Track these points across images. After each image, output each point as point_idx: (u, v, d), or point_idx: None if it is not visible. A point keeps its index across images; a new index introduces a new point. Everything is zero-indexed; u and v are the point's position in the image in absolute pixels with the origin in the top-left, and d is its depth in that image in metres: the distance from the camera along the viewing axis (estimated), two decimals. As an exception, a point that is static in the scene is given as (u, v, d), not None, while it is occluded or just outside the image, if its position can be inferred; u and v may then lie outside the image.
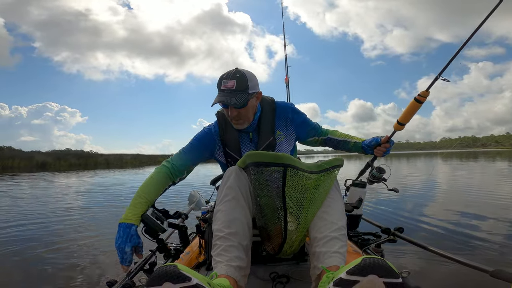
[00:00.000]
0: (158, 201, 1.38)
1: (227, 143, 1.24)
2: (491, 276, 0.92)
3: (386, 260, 0.62)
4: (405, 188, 6.26)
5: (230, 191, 0.93)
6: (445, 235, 2.79)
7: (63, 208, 5.47)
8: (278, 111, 1.27)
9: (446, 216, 3.57)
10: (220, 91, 1.11)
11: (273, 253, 1.04)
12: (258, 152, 0.90)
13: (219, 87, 1.12)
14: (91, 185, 10.41)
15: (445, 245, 2.48)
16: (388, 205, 4.39)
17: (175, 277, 0.60)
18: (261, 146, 1.22)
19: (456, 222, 3.23)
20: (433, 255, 1.16)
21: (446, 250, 1.11)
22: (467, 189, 6.26)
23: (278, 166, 0.88)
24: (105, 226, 3.97)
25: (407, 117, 1.28)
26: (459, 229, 2.94)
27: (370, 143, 1.30)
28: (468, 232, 2.80)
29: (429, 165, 17.31)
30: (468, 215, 3.53)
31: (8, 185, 10.72)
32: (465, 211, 3.75)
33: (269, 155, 0.89)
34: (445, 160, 22.80)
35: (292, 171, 0.89)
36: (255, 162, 0.90)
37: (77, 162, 29.01)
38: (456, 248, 2.43)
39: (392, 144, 1.29)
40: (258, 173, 0.90)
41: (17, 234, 3.63)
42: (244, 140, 1.25)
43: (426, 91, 1.24)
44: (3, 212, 5.32)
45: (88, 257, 2.73)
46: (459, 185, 7.02)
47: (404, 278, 1.00)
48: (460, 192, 5.98)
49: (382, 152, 1.29)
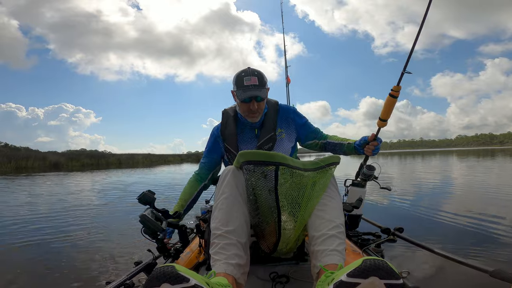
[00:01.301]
0: (158, 201, 1.38)
1: (225, 138, 1.34)
2: (491, 276, 0.92)
3: (387, 261, 0.61)
4: (406, 187, 6.25)
5: (228, 189, 0.93)
6: (446, 235, 2.79)
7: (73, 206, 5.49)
8: (281, 111, 1.39)
9: (447, 215, 3.57)
10: (245, 87, 1.22)
11: (268, 252, 1.04)
12: (251, 151, 0.91)
13: (241, 84, 1.23)
14: (114, 184, 10.34)
15: (445, 245, 2.48)
16: (388, 205, 4.39)
17: (173, 278, 0.59)
18: (262, 140, 1.30)
19: (457, 222, 3.23)
20: (433, 255, 1.16)
21: (446, 250, 1.11)
22: (473, 188, 6.12)
23: (270, 165, 0.88)
24: (113, 224, 3.99)
25: (387, 112, 1.32)
26: (459, 229, 2.95)
27: (360, 143, 1.33)
28: (468, 232, 2.81)
29: (443, 163, 16.25)
30: (469, 214, 3.54)
31: (28, 184, 10.75)
32: (467, 210, 3.75)
33: (261, 154, 0.88)
34: (461, 158, 22.34)
35: (285, 169, 0.89)
36: (248, 161, 0.89)
37: (90, 162, 29.40)
38: (456, 248, 2.43)
39: (380, 141, 1.31)
40: (251, 171, 0.90)
41: (22, 230, 3.63)
42: (250, 135, 1.35)
43: (397, 85, 1.29)
44: (19, 209, 5.33)
45: (89, 257, 2.72)
46: (465, 184, 6.87)
47: (404, 278, 1.00)
48: (465, 191, 5.87)
49: (371, 151, 1.31)
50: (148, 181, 11.41)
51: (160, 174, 14.97)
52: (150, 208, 1.35)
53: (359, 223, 1.61)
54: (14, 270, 2.45)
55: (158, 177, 13.06)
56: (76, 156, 30.49)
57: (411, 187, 6.50)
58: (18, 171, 18.45)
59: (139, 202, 1.34)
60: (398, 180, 8.01)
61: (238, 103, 1.30)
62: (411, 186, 6.77)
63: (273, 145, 1.32)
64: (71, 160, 28.41)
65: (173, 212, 1.38)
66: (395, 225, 1.52)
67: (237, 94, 1.25)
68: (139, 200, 1.34)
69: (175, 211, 1.41)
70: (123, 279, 1.06)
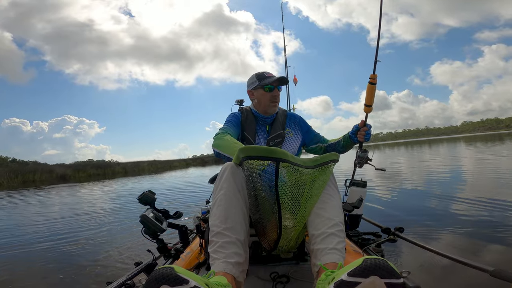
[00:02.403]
0: (158, 201, 1.38)
1: (245, 127, 1.46)
2: (491, 276, 0.92)
3: (387, 261, 0.61)
4: (406, 186, 6.21)
5: (226, 185, 0.93)
6: (446, 234, 2.79)
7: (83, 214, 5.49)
8: (289, 116, 1.58)
9: (447, 215, 3.57)
10: (268, 77, 1.43)
11: (269, 249, 1.03)
12: (251, 146, 0.90)
13: (263, 77, 1.43)
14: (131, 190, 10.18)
15: (445, 245, 2.48)
16: (388, 205, 4.39)
17: (172, 280, 0.59)
18: (273, 135, 1.45)
19: (457, 222, 3.22)
20: (434, 255, 1.17)
21: (447, 250, 1.11)
22: (478, 181, 5.80)
23: (271, 160, 0.88)
24: (116, 229, 3.99)
25: (369, 98, 1.48)
26: (460, 229, 2.94)
27: (353, 131, 1.46)
28: (469, 232, 2.81)
29: (451, 151, 15.53)
30: (470, 214, 3.53)
31: (34, 197, 10.64)
32: (468, 210, 3.74)
33: (262, 149, 0.88)
34: (468, 144, 21.81)
35: (285, 165, 0.89)
36: (248, 156, 0.89)
37: (96, 172, 29.55)
38: (456, 248, 2.43)
39: (369, 127, 1.42)
40: (251, 167, 0.90)
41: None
42: (262, 130, 1.48)
43: (373, 74, 1.48)
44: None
45: (90, 257, 2.73)
46: (470, 176, 6.54)
47: (404, 278, 1.00)
48: (469, 184, 5.57)
49: (362, 136, 1.42)
50: (165, 186, 10.91)
51: (169, 179, 14.70)
52: (151, 208, 1.35)
53: (359, 223, 1.61)
54: (14, 273, 2.46)
55: (169, 182, 12.91)
56: (82, 167, 30.63)
57: (416, 182, 6.36)
58: (26, 185, 18.43)
59: (139, 202, 1.35)
60: (405, 175, 7.64)
61: (258, 95, 1.45)
62: (416, 180, 6.61)
63: (282, 140, 1.45)
64: (77, 172, 28.61)
65: (174, 213, 1.38)
66: (396, 225, 1.52)
67: (261, 84, 1.42)
68: (139, 201, 1.34)
69: (176, 211, 1.42)
70: (123, 280, 1.06)
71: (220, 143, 1.22)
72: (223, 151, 1.17)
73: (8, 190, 15.46)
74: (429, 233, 2.81)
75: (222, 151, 1.17)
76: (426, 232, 2.84)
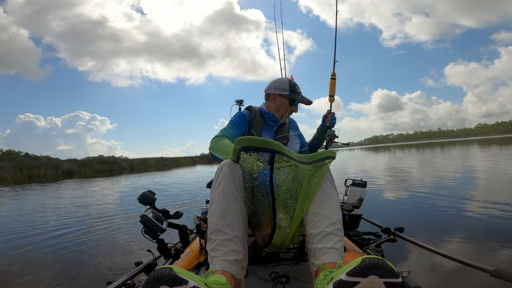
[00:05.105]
0: (158, 201, 1.38)
1: (253, 126, 1.49)
2: (491, 275, 0.92)
3: (386, 260, 0.61)
4: (406, 186, 6.21)
5: (224, 181, 0.93)
6: (446, 234, 2.79)
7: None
8: (291, 120, 1.69)
9: (447, 216, 3.56)
10: (299, 94, 1.51)
11: (263, 245, 1.02)
12: (248, 137, 0.89)
13: (295, 90, 1.50)
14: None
15: (445, 245, 2.47)
16: (388, 205, 4.38)
17: (171, 280, 0.59)
18: (279, 136, 1.52)
19: (458, 222, 3.22)
20: (434, 255, 1.16)
21: (447, 249, 1.11)
22: (480, 182, 5.87)
23: (266, 151, 0.87)
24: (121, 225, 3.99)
25: (332, 90, 1.69)
26: (460, 229, 2.94)
27: (323, 120, 1.64)
28: (469, 232, 2.80)
29: (464, 153, 15.42)
30: (470, 214, 3.52)
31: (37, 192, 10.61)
32: (469, 211, 3.73)
33: (258, 140, 0.87)
34: (482, 147, 21.58)
35: (280, 158, 0.89)
36: (245, 146, 0.88)
37: (102, 168, 29.22)
38: (456, 247, 2.42)
39: (334, 114, 1.62)
40: (248, 158, 0.90)
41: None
42: (269, 131, 1.54)
43: (333, 72, 1.69)
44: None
45: (90, 257, 2.73)
46: (470, 178, 6.59)
47: (404, 277, 1.00)
48: (469, 186, 5.62)
49: (329, 121, 1.60)
50: (166, 186, 10.57)
51: (175, 177, 14.63)
52: (151, 208, 1.35)
53: (359, 223, 1.61)
54: (15, 273, 2.46)
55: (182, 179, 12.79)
56: (88, 163, 30.39)
57: (415, 183, 6.40)
58: (31, 180, 18.31)
59: (139, 202, 1.35)
60: (407, 176, 7.53)
61: (281, 103, 1.51)
62: (419, 182, 6.65)
63: (287, 142, 1.54)
64: (84, 167, 28.36)
65: (174, 213, 1.38)
66: (396, 225, 1.52)
67: (290, 96, 1.49)
68: (139, 200, 1.35)
69: (176, 211, 1.42)
70: (123, 279, 1.06)
71: (216, 146, 1.23)
72: (219, 154, 1.18)
73: (8, 185, 15.32)
74: (429, 233, 2.81)
75: (218, 154, 1.19)
76: (426, 232, 2.84)
